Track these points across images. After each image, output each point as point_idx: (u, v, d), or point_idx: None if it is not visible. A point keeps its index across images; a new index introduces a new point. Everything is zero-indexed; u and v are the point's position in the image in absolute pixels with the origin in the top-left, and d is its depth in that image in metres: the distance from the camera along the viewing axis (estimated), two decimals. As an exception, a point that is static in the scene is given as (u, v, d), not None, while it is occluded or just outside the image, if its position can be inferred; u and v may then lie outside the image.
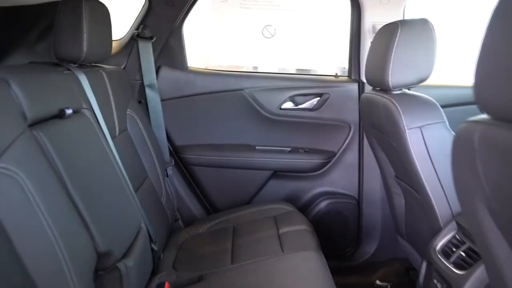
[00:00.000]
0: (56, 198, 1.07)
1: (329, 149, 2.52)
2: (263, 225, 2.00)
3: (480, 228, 0.99)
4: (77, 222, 1.13)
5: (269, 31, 2.63)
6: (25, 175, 0.98)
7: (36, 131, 1.11)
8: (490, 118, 0.83)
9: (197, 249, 1.92)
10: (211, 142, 2.51)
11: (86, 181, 1.25)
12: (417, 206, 1.82)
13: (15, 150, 0.98)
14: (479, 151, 0.86)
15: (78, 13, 1.53)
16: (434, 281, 1.49)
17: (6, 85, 1.06)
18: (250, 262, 1.66)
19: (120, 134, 1.77)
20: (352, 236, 2.57)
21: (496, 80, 0.77)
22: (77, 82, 1.50)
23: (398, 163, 1.84)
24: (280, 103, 2.47)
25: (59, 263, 1.01)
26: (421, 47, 1.65)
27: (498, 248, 0.98)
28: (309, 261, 1.61)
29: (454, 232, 1.52)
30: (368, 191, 2.50)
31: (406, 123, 1.58)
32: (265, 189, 2.56)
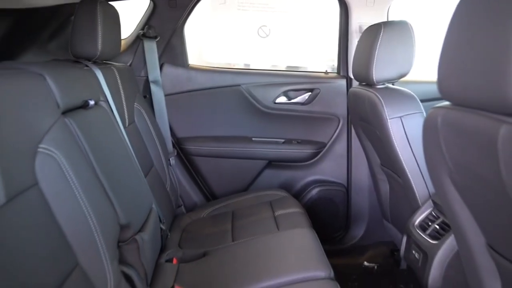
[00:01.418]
0: (86, 176, 1.22)
1: (320, 140, 2.62)
2: (260, 209, 2.13)
3: (447, 198, 1.17)
4: (103, 196, 1.30)
5: (264, 31, 2.73)
6: (62, 154, 1.13)
7: (67, 118, 1.27)
8: (450, 104, 1.01)
9: (200, 230, 2.05)
10: (210, 134, 2.60)
11: (108, 164, 1.41)
12: (399, 190, 1.98)
13: (53, 134, 1.14)
14: (442, 131, 1.03)
15: (93, 15, 1.68)
16: (413, 252, 1.66)
17: (43, 79, 1.22)
18: (249, 239, 1.81)
19: (129, 125, 1.91)
20: (342, 221, 2.69)
21: (454, 73, 0.94)
22: (95, 77, 1.67)
23: (382, 151, 2.00)
24: (274, 97, 2.57)
25: (91, 230, 1.16)
26: (401, 46, 1.81)
27: (462, 214, 1.16)
28: (303, 236, 1.77)
29: (430, 209, 1.69)
30: (356, 179, 2.61)
31: (388, 114, 1.73)
32: (261, 178, 2.66)
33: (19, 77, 1.12)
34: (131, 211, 1.45)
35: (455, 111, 0.97)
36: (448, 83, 0.96)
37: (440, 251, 1.51)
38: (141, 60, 2.42)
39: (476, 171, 0.93)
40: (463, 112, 0.94)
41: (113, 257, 1.24)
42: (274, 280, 1.45)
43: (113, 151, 1.53)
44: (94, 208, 1.19)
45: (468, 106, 0.92)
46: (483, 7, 0.84)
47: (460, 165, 1.02)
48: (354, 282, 2.41)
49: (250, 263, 1.60)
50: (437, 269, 1.52)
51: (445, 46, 0.97)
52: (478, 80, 0.84)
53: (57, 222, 1.08)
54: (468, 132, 0.91)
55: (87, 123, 1.39)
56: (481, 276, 1.18)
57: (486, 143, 0.83)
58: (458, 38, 0.92)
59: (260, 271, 1.52)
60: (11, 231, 0.91)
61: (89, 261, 1.14)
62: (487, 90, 0.81)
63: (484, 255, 1.15)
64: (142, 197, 1.64)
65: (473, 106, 0.89)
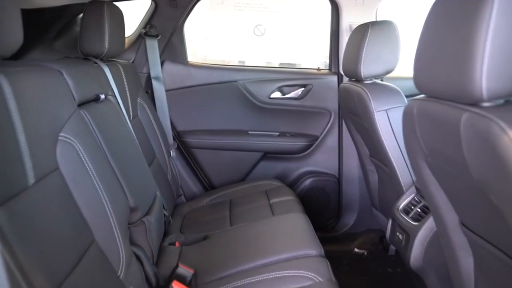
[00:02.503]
0: (100, 162, 1.35)
1: (313, 133, 2.72)
2: (256, 197, 2.25)
3: (424, 180, 1.31)
4: (115, 181, 1.42)
5: (260, 30, 2.83)
6: (79, 142, 1.26)
7: (82, 110, 1.40)
8: (425, 96, 1.14)
9: (200, 217, 2.18)
10: (209, 128, 2.69)
11: (118, 152, 1.54)
12: (386, 179, 2.11)
13: (71, 124, 1.26)
14: (417, 120, 1.17)
15: (100, 15, 1.80)
16: (397, 234, 1.80)
17: (60, 74, 1.34)
18: (246, 224, 1.95)
19: (133, 118, 2.03)
20: (334, 209, 2.80)
21: (427, 68, 1.07)
22: (103, 73, 1.79)
23: (370, 142, 2.12)
24: (269, 93, 2.67)
25: (105, 211, 1.29)
26: (387, 44, 1.94)
27: (437, 194, 1.29)
28: (296, 220, 1.90)
29: (413, 195, 1.83)
30: (347, 170, 2.72)
31: (375, 107, 1.86)
32: (256, 169, 2.76)
33: (41, 73, 1.24)
34: (139, 196, 1.58)
35: (428, 102, 1.11)
36: (422, 77, 1.09)
37: (421, 231, 1.65)
38: (143, 57, 2.51)
39: (445, 153, 1.07)
40: (434, 103, 1.07)
41: (125, 236, 1.36)
42: (269, 258, 1.58)
43: (121, 141, 1.65)
44: (107, 191, 1.31)
45: (438, 97, 1.05)
46: (452, 11, 0.96)
47: (432, 149, 1.15)
48: (345, 267, 2.51)
49: (247, 244, 1.73)
50: (418, 248, 1.65)
51: (420, 45, 1.10)
52: (446, 75, 0.97)
53: (76, 203, 1.19)
54: (438, 120, 1.05)
55: (99, 115, 1.51)
56: (456, 252, 1.30)
57: (452, 129, 0.96)
58: (431, 38, 1.05)
59: (256, 251, 1.65)
60: (38, 209, 1.03)
61: (104, 238, 1.26)
62: (453, 84, 0.94)
63: (458, 232, 1.28)
64: (147, 184, 1.77)
65: (442, 97, 1.03)
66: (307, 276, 1.45)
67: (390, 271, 2.43)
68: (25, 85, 1.09)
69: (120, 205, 1.39)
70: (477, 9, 0.85)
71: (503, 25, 0.83)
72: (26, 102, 1.06)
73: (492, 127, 0.83)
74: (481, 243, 1.15)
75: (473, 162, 0.93)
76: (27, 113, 1.06)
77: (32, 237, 0.96)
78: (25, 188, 0.99)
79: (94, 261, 1.19)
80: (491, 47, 0.84)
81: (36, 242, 0.97)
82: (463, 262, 1.30)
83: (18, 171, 0.99)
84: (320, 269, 1.49)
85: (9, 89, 1.00)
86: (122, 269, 1.30)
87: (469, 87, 0.88)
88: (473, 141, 0.90)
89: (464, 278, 1.32)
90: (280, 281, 1.45)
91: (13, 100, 1.01)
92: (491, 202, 0.94)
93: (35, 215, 1.01)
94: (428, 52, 1.05)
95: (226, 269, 1.57)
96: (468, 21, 0.88)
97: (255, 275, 1.49)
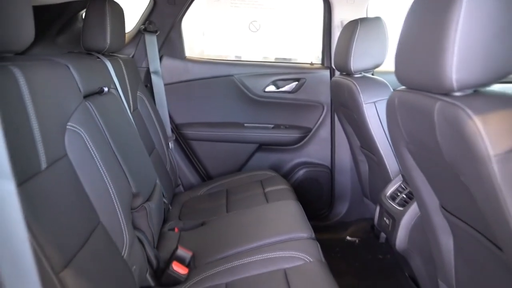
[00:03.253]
0: (104, 150, 1.44)
1: (306, 125, 2.80)
2: (251, 187, 2.34)
3: (406, 165, 1.40)
4: (118, 168, 1.52)
5: (255, 26, 2.89)
6: (85, 131, 1.35)
7: (88, 102, 1.49)
8: (405, 88, 1.24)
9: (198, 205, 2.27)
10: (206, 120, 2.76)
11: (120, 141, 1.63)
12: (375, 168, 2.20)
13: (78, 114, 1.35)
14: (398, 110, 1.26)
15: (102, 12, 1.87)
16: (384, 219, 1.89)
17: (67, 68, 1.44)
18: (242, 210, 2.04)
19: (133, 111, 2.11)
20: (326, 199, 2.88)
21: (406, 62, 1.16)
22: (105, 68, 1.88)
23: (360, 133, 2.20)
24: (264, 86, 2.74)
25: (110, 195, 1.38)
26: (375, 40, 2.02)
27: (418, 179, 1.39)
28: (288, 206, 2.00)
29: (400, 182, 1.92)
30: (339, 160, 2.79)
31: (364, 99, 1.94)
32: (252, 160, 2.83)
33: (50, 67, 1.33)
34: (140, 183, 1.67)
35: (407, 93, 1.20)
36: (402, 71, 1.19)
37: (406, 216, 1.75)
38: (142, 53, 2.59)
39: (422, 139, 1.17)
40: (412, 93, 1.17)
41: (128, 220, 1.46)
42: (263, 241, 1.68)
43: (123, 131, 1.74)
44: (112, 177, 1.41)
45: (415, 88, 1.15)
46: (427, 11, 1.05)
47: (412, 136, 1.25)
48: (337, 253, 2.59)
49: (243, 229, 1.83)
50: (403, 231, 1.75)
51: (400, 40, 1.19)
52: (422, 68, 1.06)
53: (83, 187, 1.28)
54: (415, 109, 1.15)
55: (103, 107, 1.60)
56: (437, 234, 1.40)
57: (427, 116, 1.06)
58: (409, 35, 1.14)
59: (251, 234, 1.75)
60: (50, 192, 1.12)
61: (109, 221, 1.35)
62: (428, 76, 1.03)
63: (438, 215, 1.37)
64: (148, 172, 1.86)
65: (419, 88, 1.12)
66: (298, 256, 1.55)
67: (380, 257, 2.53)
68: (37, 78, 1.18)
69: (123, 190, 1.48)
70: (448, 10, 0.94)
71: (470, 24, 0.92)
72: (38, 94, 1.15)
73: (460, 114, 0.92)
74: (460, 224, 1.24)
75: (445, 146, 1.03)
76: (39, 103, 1.14)
77: (45, 216, 1.04)
78: (39, 172, 1.08)
79: (100, 241, 1.28)
80: (460, 43, 0.93)
81: (49, 221, 1.05)
82: (444, 243, 1.39)
83: (33, 156, 1.08)
84: (311, 250, 1.59)
85: (23, 81, 1.09)
86: (126, 250, 1.39)
87: (441, 78, 0.97)
88: (444, 127, 1.00)
89: (445, 258, 1.41)
90: (273, 261, 1.54)
91: (27, 91, 1.10)
92: (463, 184, 1.04)
93: (48, 197, 1.10)
94: (407, 47, 1.15)
95: (223, 251, 1.67)
96: (440, 20, 0.97)
97: (249, 256, 1.58)
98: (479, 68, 0.95)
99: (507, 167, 0.87)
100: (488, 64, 0.95)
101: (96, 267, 1.19)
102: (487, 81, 0.97)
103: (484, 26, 0.93)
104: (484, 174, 0.90)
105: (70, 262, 1.07)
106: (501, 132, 0.88)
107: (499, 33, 0.94)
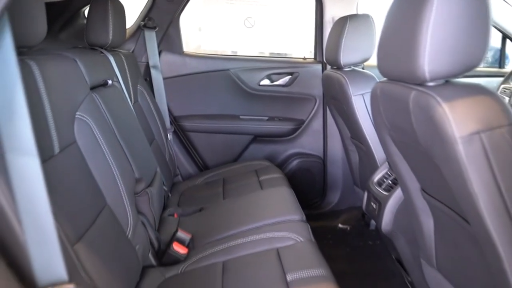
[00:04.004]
0: (109, 137, 1.55)
1: (299, 117, 2.89)
2: (247, 176, 2.44)
3: (389, 151, 1.51)
4: (123, 154, 1.62)
5: (250, 22, 2.98)
6: (92, 120, 1.45)
7: (94, 94, 1.60)
8: (386, 79, 1.34)
9: (196, 193, 2.38)
10: (203, 113, 2.85)
11: (124, 130, 1.74)
12: (364, 157, 2.31)
13: (85, 105, 1.46)
14: (380, 100, 1.37)
15: (105, 10, 1.97)
16: (371, 203, 2.00)
17: (75, 62, 1.54)
18: (238, 197, 2.15)
19: (134, 103, 2.21)
20: (319, 189, 2.98)
21: (386, 55, 1.27)
22: (108, 62, 1.98)
23: (350, 124, 2.29)
24: (259, 80, 2.83)
25: (115, 179, 1.49)
26: (364, 36, 2.12)
27: (401, 164, 1.49)
28: (282, 192, 2.11)
29: (386, 170, 2.03)
30: (331, 151, 2.89)
31: (352, 92, 2.04)
32: (247, 151, 2.93)
33: (60, 61, 1.44)
34: (143, 169, 1.78)
35: (388, 84, 1.31)
36: (383, 64, 1.29)
37: (391, 200, 1.86)
38: (142, 48, 2.67)
39: (401, 126, 1.28)
40: (392, 84, 1.27)
41: (132, 203, 1.57)
42: (257, 223, 1.80)
43: (126, 121, 1.85)
44: (117, 162, 1.51)
45: (394, 79, 1.25)
46: (404, 9, 1.15)
47: (392, 123, 1.36)
48: (329, 240, 2.70)
49: (238, 213, 1.95)
50: (388, 214, 1.86)
51: (381, 35, 1.30)
52: (400, 61, 1.17)
53: (91, 171, 1.39)
54: (394, 98, 1.26)
55: (107, 98, 1.71)
56: (419, 215, 1.51)
57: (404, 104, 1.17)
58: (389, 31, 1.25)
59: (246, 217, 1.87)
60: (62, 174, 1.22)
61: (115, 203, 1.46)
62: (405, 68, 1.14)
63: (419, 198, 1.48)
64: (149, 160, 1.97)
65: (398, 79, 1.23)
66: (290, 237, 1.66)
67: (370, 243, 2.64)
68: (49, 71, 1.28)
69: (127, 175, 1.59)
70: (421, 10, 1.05)
71: (440, 22, 1.03)
72: (51, 85, 1.26)
73: (431, 101, 1.04)
74: (438, 205, 1.35)
75: (420, 131, 1.14)
76: (52, 94, 1.25)
77: (59, 196, 1.15)
78: (53, 155, 1.19)
79: (107, 221, 1.39)
80: (431, 39, 1.04)
81: (62, 200, 1.16)
82: (425, 224, 1.50)
83: (47, 140, 1.19)
84: (302, 231, 1.71)
85: (38, 73, 1.20)
86: (130, 230, 1.50)
87: (415, 70, 1.08)
88: (418, 113, 1.11)
89: (426, 238, 1.52)
90: (266, 241, 1.66)
91: (42, 83, 1.21)
92: (438, 166, 1.15)
93: (61, 179, 1.21)
94: (387, 43, 1.25)
95: (220, 233, 1.79)
96: (415, 18, 1.08)
97: (245, 237, 1.70)
98: (449, 61, 1.06)
99: (470, 148, 0.99)
100: (457, 57, 1.06)
101: (104, 244, 1.30)
102: (456, 73, 1.08)
103: (453, 24, 1.04)
104: (451, 155, 1.01)
105: (82, 238, 1.17)
106: (465, 117, 0.99)
107: (466, 30, 1.05)
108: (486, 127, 0.98)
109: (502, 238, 1.02)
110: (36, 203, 0.87)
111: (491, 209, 1.01)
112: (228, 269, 1.53)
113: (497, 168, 0.99)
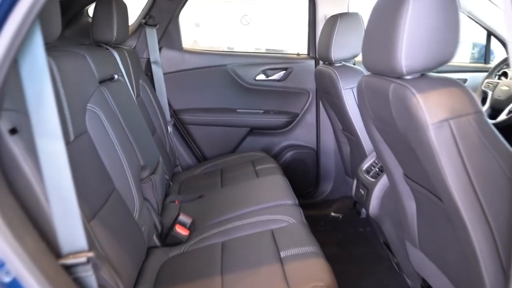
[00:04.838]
0: (117, 128, 1.67)
1: (293, 111, 3.00)
2: (243, 166, 2.56)
3: (374, 140, 1.63)
4: (129, 143, 1.75)
5: (246, 19, 3.08)
6: (101, 112, 1.58)
7: (102, 87, 1.72)
8: (370, 73, 1.47)
9: (195, 182, 2.50)
10: (202, 106, 2.96)
11: (130, 121, 1.86)
12: (355, 148, 2.42)
13: (95, 97, 1.58)
14: (365, 92, 1.50)
15: (109, 9, 2.08)
16: (360, 190, 2.12)
17: (85, 58, 1.67)
18: (235, 184, 2.28)
19: (137, 97, 2.32)
20: (312, 179, 3.09)
21: (369, 51, 1.39)
22: (113, 58, 2.10)
23: (341, 117, 2.40)
24: (255, 75, 2.94)
25: (122, 166, 1.61)
26: (353, 33, 2.22)
27: (385, 152, 1.61)
28: (276, 179, 2.24)
29: (374, 158, 2.15)
30: (323, 143, 3.00)
31: (343, 86, 2.14)
32: (244, 143, 3.04)
33: (72, 57, 1.56)
34: (147, 157, 1.91)
35: (371, 77, 1.44)
36: (367, 59, 1.42)
37: (377, 186, 1.98)
38: (143, 44, 2.78)
39: (383, 116, 1.41)
40: (375, 77, 1.40)
41: (138, 188, 1.69)
42: (253, 207, 1.93)
43: (131, 113, 1.97)
44: (124, 150, 1.64)
45: (376, 73, 1.38)
46: (384, 9, 1.28)
47: (376, 113, 1.48)
48: (321, 227, 2.82)
49: (236, 198, 2.08)
50: (375, 200, 1.98)
51: (366, 33, 1.42)
52: (380, 56, 1.29)
53: (101, 158, 1.51)
54: (376, 90, 1.38)
55: (114, 91, 1.83)
56: (403, 199, 1.63)
57: (384, 96, 1.30)
58: (372, 29, 1.38)
59: (243, 202, 2.00)
60: (77, 160, 1.35)
61: (122, 187, 1.58)
62: (385, 63, 1.26)
63: (403, 183, 1.60)
64: (152, 149, 2.10)
65: (379, 73, 1.36)
66: (284, 219, 1.80)
67: (361, 230, 2.76)
68: (64, 66, 1.41)
69: (133, 162, 1.72)
70: (399, 10, 1.17)
71: (415, 21, 1.16)
72: (65, 79, 1.38)
73: (407, 93, 1.16)
74: (419, 189, 1.47)
75: (398, 119, 1.27)
76: (67, 87, 1.37)
77: (75, 178, 1.28)
78: (69, 142, 1.32)
79: (116, 203, 1.51)
80: (407, 37, 1.16)
81: (78, 181, 1.29)
82: (408, 207, 1.62)
83: (64, 129, 1.31)
84: (294, 214, 1.84)
85: (56, 68, 1.33)
86: (136, 213, 1.63)
87: (394, 65, 1.20)
88: (396, 104, 1.24)
89: (409, 220, 1.64)
90: (262, 223, 1.79)
91: (59, 77, 1.33)
92: (415, 151, 1.28)
93: (76, 164, 1.31)
94: (370, 40, 1.38)
95: (219, 216, 1.92)
96: (393, 18, 1.20)
97: (242, 220, 1.83)
98: (424, 56, 1.18)
99: (440, 133, 1.12)
100: (431, 53, 1.19)
101: (114, 223, 1.43)
102: (430, 67, 1.21)
103: (427, 23, 1.16)
104: (424, 140, 1.14)
105: (95, 216, 1.30)
106: (436, 106, 1.12)
107: (438, 28, 1.18)
108: (454, 114, 1.11)
109: (468, 212, 1.14)
110: (61, 181, 1.00)
111: (459, 187, 1.13)
112: (227, 248, 1.66)
113: (464, 151, 1.12)
